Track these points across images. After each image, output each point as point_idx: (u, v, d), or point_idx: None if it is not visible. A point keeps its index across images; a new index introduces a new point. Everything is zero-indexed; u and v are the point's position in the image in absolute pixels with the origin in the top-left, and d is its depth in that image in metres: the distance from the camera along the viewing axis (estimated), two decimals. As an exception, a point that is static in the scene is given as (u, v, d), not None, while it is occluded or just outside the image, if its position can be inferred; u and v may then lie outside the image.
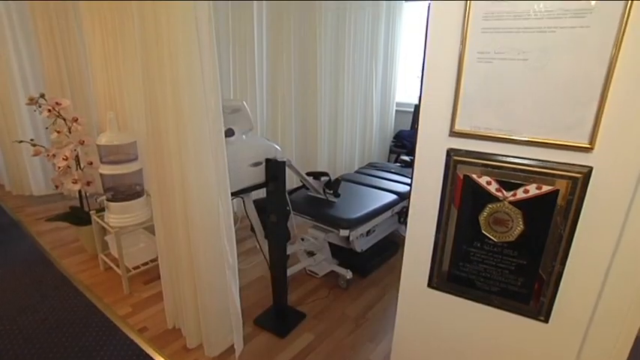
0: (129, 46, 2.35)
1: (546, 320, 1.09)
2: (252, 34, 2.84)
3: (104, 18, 2.55)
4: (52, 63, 3.20)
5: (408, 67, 4.17)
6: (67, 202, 3.29)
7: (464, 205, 1.11)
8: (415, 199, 1.21)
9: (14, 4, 3.16)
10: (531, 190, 1.00)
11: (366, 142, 4.02)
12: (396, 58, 3.95)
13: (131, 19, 1.64)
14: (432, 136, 1.12)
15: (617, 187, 0.92)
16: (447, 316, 1.27)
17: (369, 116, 3.93)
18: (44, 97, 2.34)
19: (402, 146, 4.09)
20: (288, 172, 1.79)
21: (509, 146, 1.01)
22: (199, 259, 1.58)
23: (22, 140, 2.81)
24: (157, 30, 1.36)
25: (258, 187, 1.76)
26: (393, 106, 4.15)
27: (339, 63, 3.48)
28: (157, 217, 1.68)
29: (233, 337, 1.70)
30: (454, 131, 1.07)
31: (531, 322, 1.12)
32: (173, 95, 1.41)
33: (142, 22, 1.39)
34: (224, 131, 1.48)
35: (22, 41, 3.29)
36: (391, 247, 2.68)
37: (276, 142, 2.63)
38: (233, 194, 1.60)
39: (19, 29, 3.24)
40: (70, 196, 3.45)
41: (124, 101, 2.69)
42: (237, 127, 1.68)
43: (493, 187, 1.05)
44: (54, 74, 3.23)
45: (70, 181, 2.32)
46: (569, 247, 1.00)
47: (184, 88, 1.38)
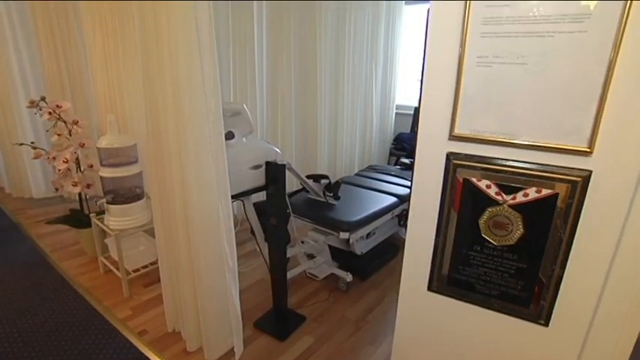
0: (129, 47, 2.36)
1: (546, 324, 1.09)
2: (252, 34, 2.84)
3: (104, 19, 2.55)
4: (53, 64, 3.20)
5: (407, 70, 4.16)
6: (67, 204, 3.28)
7: (464, 209, 1.11)
8: (415, 202, 1.21)
9: (14, 4, 3.16)
10: (531, 194, 1.01)
11: (366, 144, 4.01)
12: (396, 59, 3.95)
13: (131, 19, 1.64)
14: (431, 140, 1.12)
15: (616, 191, 0.92)
16: (447, 320, 1.27)
17: (369, 118, 3.93)
18: (45, 100, 2.35)
19: (402, 149, 4.09)
20: (288, 174, 1.79)
21: (508, 150, 1.01)
22: (199, 261, 1.58)
23: (22, 143, 2.81)
24: (157, 30, 1.36)
25: (258, 189, 1.76)
26: (392, 109, 4.15)
27: (339, 64, 3.47)
28: (157, 220, 1.68)
29: (233, 340, 1.70)
30: (454, 135, 1.07)
31: (531, 325, 1.12)
32: (173, 96, 1.41)
33: (142, 22, 1.39)
34: (224, 134, 1.49)
35: (22, 42, 3.28)
36: (391, 249, 2.68)
37: (276, 144, 2.63)
38: (233, 197, 1.60)
39: (19, 29, 3.24)
40: (70, 199, 3.44)
41: (124, 103, 2.70)
42: (237, 129, 1.68)
43: (493, 191, 1.05)
44: (54, 75, 3.23)
45: (70, 184, 2.32)
46: (569, 250, 1.00)
47: (184, 89, 1.38)
